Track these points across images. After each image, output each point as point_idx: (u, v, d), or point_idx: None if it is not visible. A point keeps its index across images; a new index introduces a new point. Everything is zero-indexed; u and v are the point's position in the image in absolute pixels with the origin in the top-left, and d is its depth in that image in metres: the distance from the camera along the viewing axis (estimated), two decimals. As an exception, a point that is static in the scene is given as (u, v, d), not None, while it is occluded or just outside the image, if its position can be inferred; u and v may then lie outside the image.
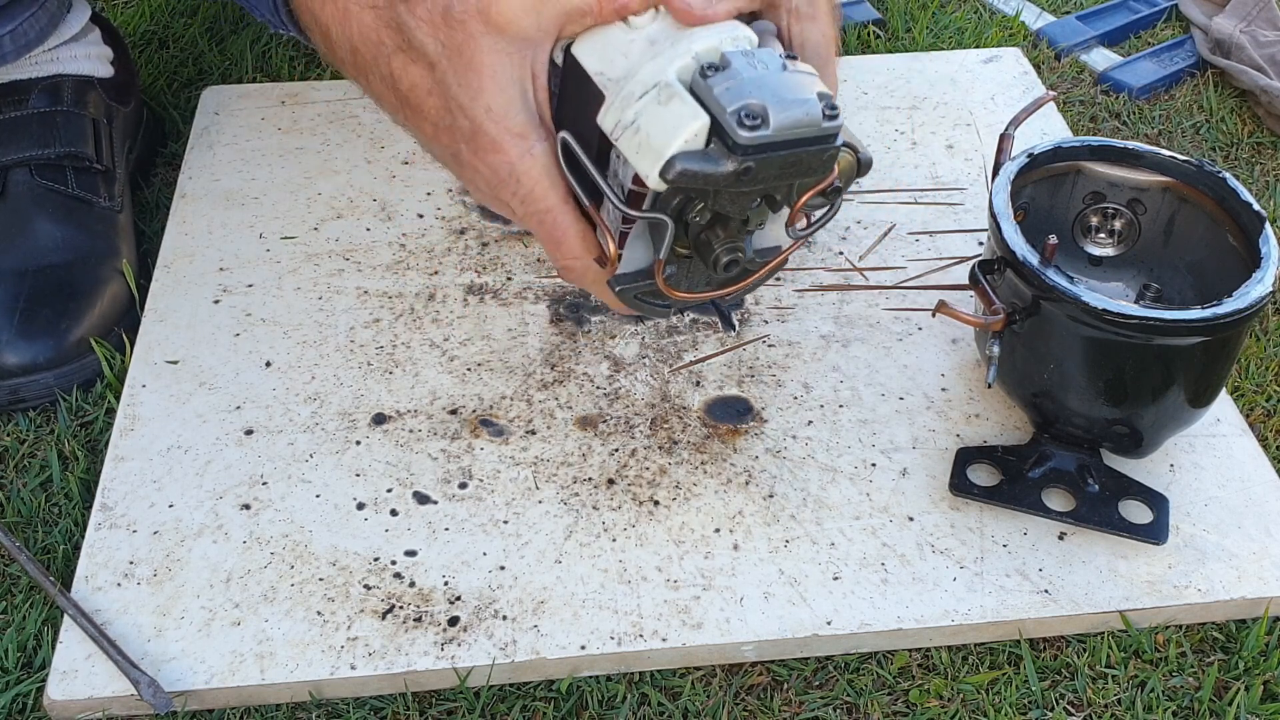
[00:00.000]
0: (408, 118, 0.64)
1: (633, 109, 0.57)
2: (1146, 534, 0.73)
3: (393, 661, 0.67)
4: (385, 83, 0.63)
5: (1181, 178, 0.77)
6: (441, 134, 0.62)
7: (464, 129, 0.60)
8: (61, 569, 0.73)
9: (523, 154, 0.60)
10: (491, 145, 0.60)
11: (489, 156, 0.60)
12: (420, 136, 0.64)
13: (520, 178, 0.60)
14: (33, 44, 0.89)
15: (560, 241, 0.62)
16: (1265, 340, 0.88)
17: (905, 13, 1.19)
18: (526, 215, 0.62)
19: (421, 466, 0.77)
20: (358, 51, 0.63)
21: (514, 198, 0.61)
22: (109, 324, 0.85)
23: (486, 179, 0.62)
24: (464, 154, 0.62)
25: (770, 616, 0.70)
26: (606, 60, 0.59)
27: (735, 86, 0.55)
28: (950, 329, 0.85)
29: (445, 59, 0.59)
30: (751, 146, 0.55)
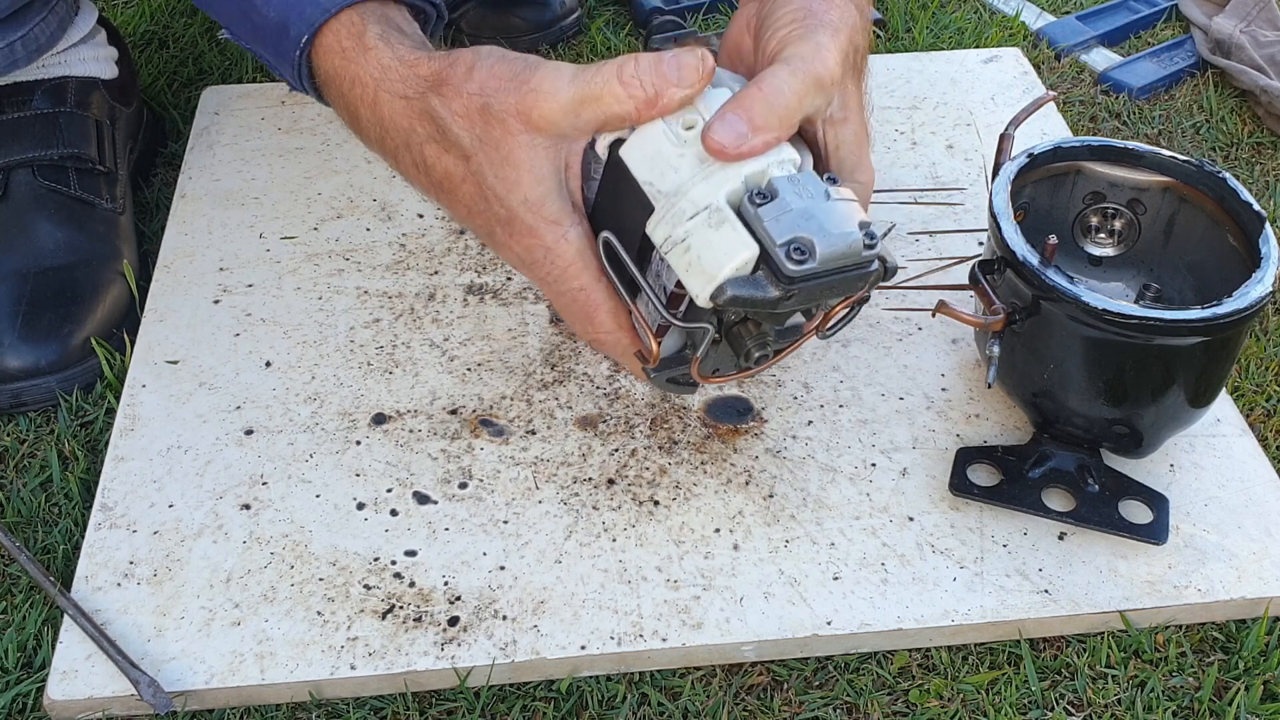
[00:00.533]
0: (440, 199, 0.66)
1: (684, 227, 0.60)
2: (1146, 534, 0.73)
3: (393, 661, 0.67)
4: (418, 167, 0.65)
5: (1181, 178, 0.77)
6: (476, 217, 0.64)
7: (500, 215, 0.63)
8: (61, 569, 0.73)
9: (557, 239, 0.63)
10: (527, 231, 0.63)
11: (524, 240, 0.63)
12: (453, 215, 0.67)
13: (554, 260, 0.63)
14: (44, 48, 0.89)
15: (592, 318, 0.65)
16: (1265, 340, 0.88)
17: (905, 13, 1.19)
18: (560, 293, 0.65)
19: (421, 466, 0.77)
20: (388, 135, 0.65)
21: (548, 276, 0.64)
22: (110, 326, 0.85)
23: (521, 258, 0.64)
24: (499, 235, 0.64)
25: (770, 616, 0.70)
26: (657, 172, 0.61)
27: (784, 218, 0.59)
28: (950, 329, 0.85)
29: (481, 152, 0.62)
30: (798, 278, 0.58)
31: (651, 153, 0.62)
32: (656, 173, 0.61)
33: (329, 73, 0.67)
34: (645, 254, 0.63)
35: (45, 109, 0.90)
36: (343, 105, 0.67)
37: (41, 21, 0.88)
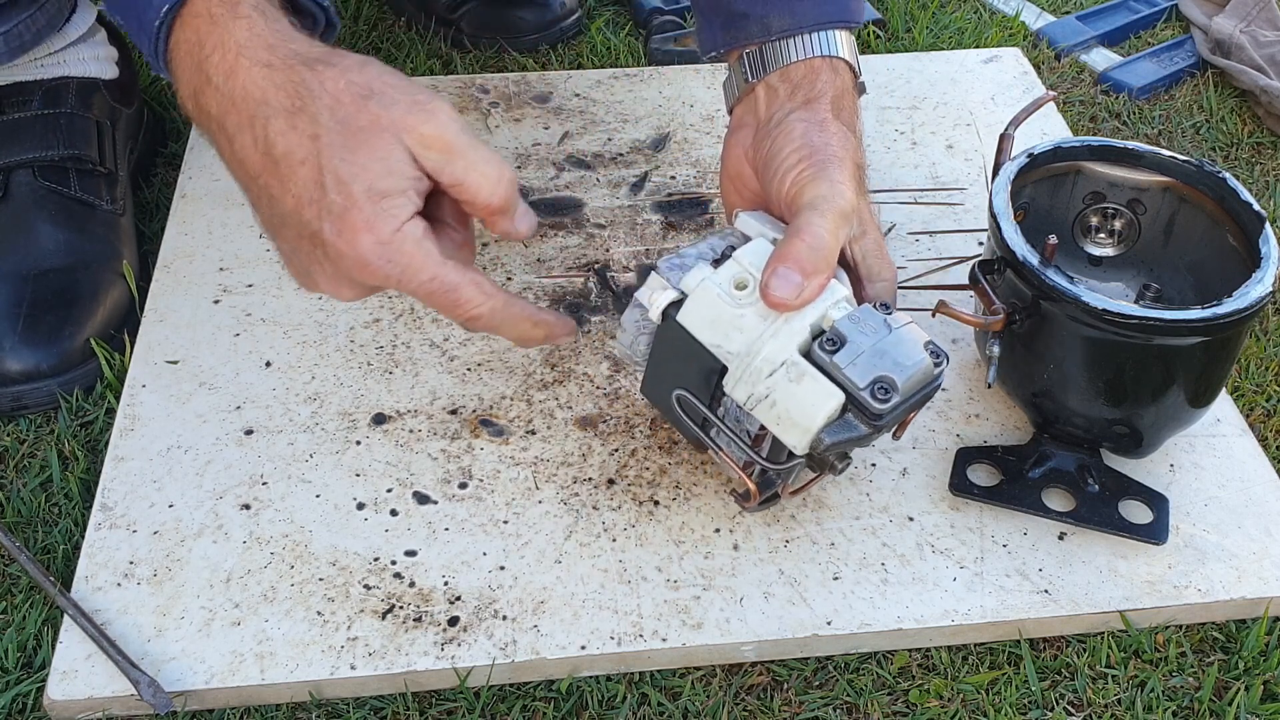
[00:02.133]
0: (266, 185, 0.61)
1: (764, 385, 0.64)
2: (1146, 534, 0.73)
3: (393, 661, 0.67)
4: (256, 145, 0.60)
5: (1181, 178, 0.77)
6: (304, 208, 0.60)
7: (334, 206, 0.59)
8: (61, 569, 0.73)
9: (393, 232, 0.59)
10: (363, 224, 0.59)
11: (358, 236, 0.59)
12: (270, 210, 0.62)
13: (394, 255, 0.60)
14: (28, 45, 0.88)
15: (458, 299, 0.62)
16: (1265, 340, 0.88)
17: (905, 13, 1.19)
18: (415, 290, 0.61)
19: (421, 466, 0.77)
20: (234, 108, 0.61)
21: (392, 275, 0.60)
22: (110, 328, 0.85)
23: (350, 260, 0.60)
24: (324, 233, 0.60)
25: (770, 616, 0.70)
26: (721, 334, 0.65)
27: (860, 360, 0.63)
28: (950, 329, 0.85)
29: (337, 133, 0.59)
30: (886, 413, 0.63)
31: (712, 316, 0.66)
32: (721, 334, 0.65)
33: (189, 41, 0.62)
34: (715, 402, 0.68)
35: (46, 109, 0.90)
36: (192, 78, 0.62)
37: (28, 18, 0.87)
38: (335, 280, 0.62)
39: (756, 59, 0.75)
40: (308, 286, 0.64)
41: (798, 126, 0.71)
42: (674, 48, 1.12)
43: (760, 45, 0.75)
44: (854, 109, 0.74)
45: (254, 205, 0.63)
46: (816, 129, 0.70)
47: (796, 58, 0.74)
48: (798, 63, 0.74)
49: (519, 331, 0.65)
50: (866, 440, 0.64)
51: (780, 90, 0.74)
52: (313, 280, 0.63)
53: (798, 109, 0.72)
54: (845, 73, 0.74)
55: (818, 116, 0.71)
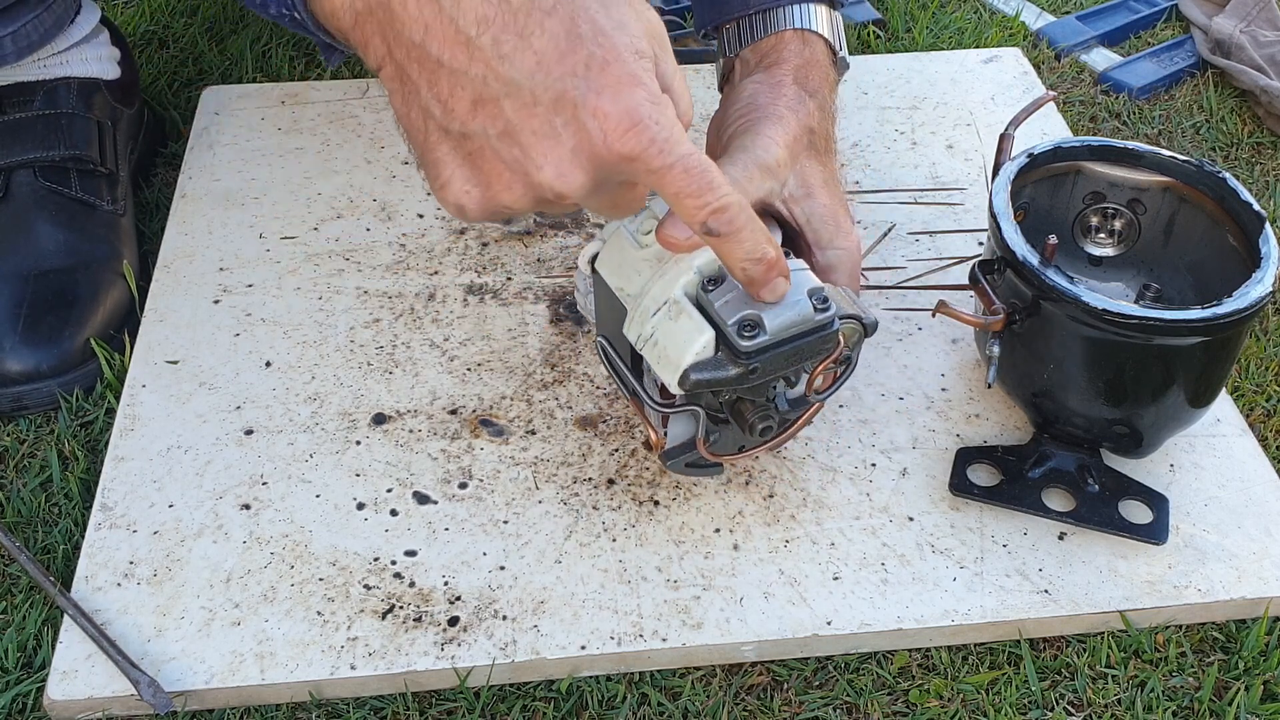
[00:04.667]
0: (497, 39, 0.51)
1: (649, 324, 0.64)
2: (1146, 534, 0.73)
3: (393, 661, 0.67)
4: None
5: (1181, 178, 0.77)
6: (552, 63, 0.51)
7: (594, 58, 0.51)
8: (61, 569, 0.73)
9: (659, 95, 0.53)
10: (631, 79, 0.51)
11: (625, 92, 0.51)
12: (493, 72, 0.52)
13: (660, 118, 0.52)
14: (35, 45, 0.88)
15: (711, 182, 0.54)
16: (1265, 340, 0.88)
17: (905, 13, 1.19)
18: (670, 163, 0.53)
19: (421, 466, 0.77)
20: None
21: (651, 145, 0.52)
22: (110, 328, 0.85)
23: (613, 122, 0.52)
24: (576, 91, 0.51)
25: (770, 616, 0.70)
26: (624, 277, 0.66)
27: (733, 298, 0.62)
28: (950, 329, 0.85)
29: None
30: (753, 351, 0.62)
31: (618, 261, 0.66)
32: (624, 278, 0.65)
33: None
34: (638, 356, 0.66)
35: (47, 110, 0.90)
36: None
37: (35, 19, 0.87)
38: (573, 158, 0.53)
39: (734, 34, 0.76)
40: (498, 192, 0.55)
41: (748, 89, 0.71)
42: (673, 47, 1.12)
43: (739, 20, 0.75)
44: (824, 79, 0.73)
45: (438, 89, 0.53)
46: (766, 90, 0.70)
47: (769, 30, 0.74)
48: (770, 35, 0.74)
49: (756, 243, 0.57)
50: (737, 382, 0.63)
51: (750, 61, 0.75)
52: (516, 177, 0.54)
53: (755, 74, 0.72)
54: (817, 44, 0.74)
55: (773, 80, 0.71)
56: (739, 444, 0.70)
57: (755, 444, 0.70)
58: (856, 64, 1.10)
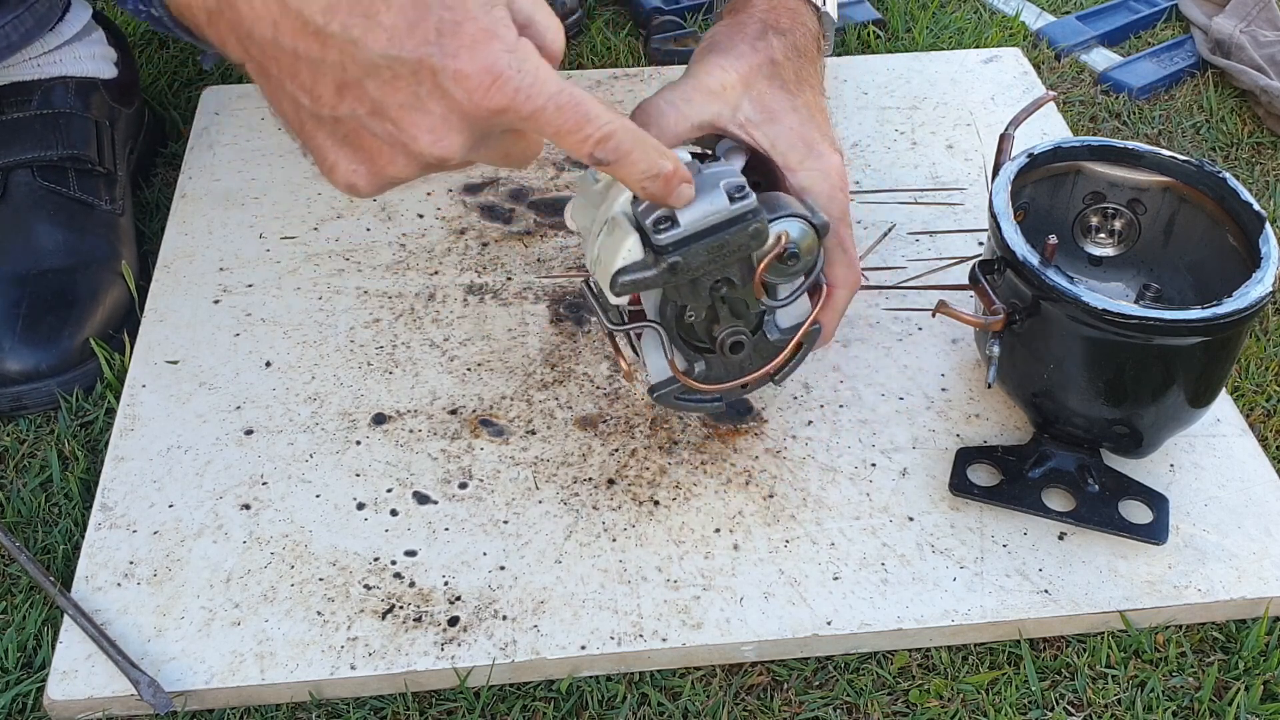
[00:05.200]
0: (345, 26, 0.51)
1: (595, 247, 0.66)
2: (1146, 534, 0.73)
3: (393, 661, 0.67)
4: None
5: (1181, 178, 0.77)
6: (404, 37, 0.51)
7: (444, 22, 0.51)
8: (61, 569, 0.73)
9: (516, 42, 0.53)
10: (485, 34, 0.52)
11: (481, 50, 0.52)
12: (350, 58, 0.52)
13: (521, 66, 0.53)
14: (16, 46, 0.88)
15: (588, 114, 0.55)
16: (1265, 340, 0.88)
17: (905, 13, 1.19)
18: (542, 104, 0.54)
19: (421, 466, 0.77)
20: None
21: (517, 94, 0.53)
22: (110, 328, 0.85)
23: (474, 80, 0.52)
24: (434, 58, 0.52)
25: (770, 616, 0.70)
26: (584, 218, 0.68)
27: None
28: (950, 329, 0.85)
29: None
30: (670, 245, 0.63)
31: (582, 205, 0.68)
32: (584, 219, 0.68)
33: None
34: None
35: (45, 109, 0.90)
36: None
37: (15, 19, 0.87)
38: (445, 123, 0.54)
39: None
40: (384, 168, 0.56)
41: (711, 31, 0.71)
42: (674, 47, 1.12)
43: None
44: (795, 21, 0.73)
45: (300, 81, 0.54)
46: (726, 30, 0.71)
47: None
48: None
49: (649, 161, 0.58)
50: (660, 280, 0.64)
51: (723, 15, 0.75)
52: (396, 151, 0.55)
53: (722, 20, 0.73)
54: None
55: (736, 21, 0.72)
56: (735, 374, 0.71)
57: (740, 372, 0.70)
58: (856, 64, 1.10)
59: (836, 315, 0.73)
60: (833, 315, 0.72)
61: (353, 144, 0.56)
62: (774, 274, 0.67)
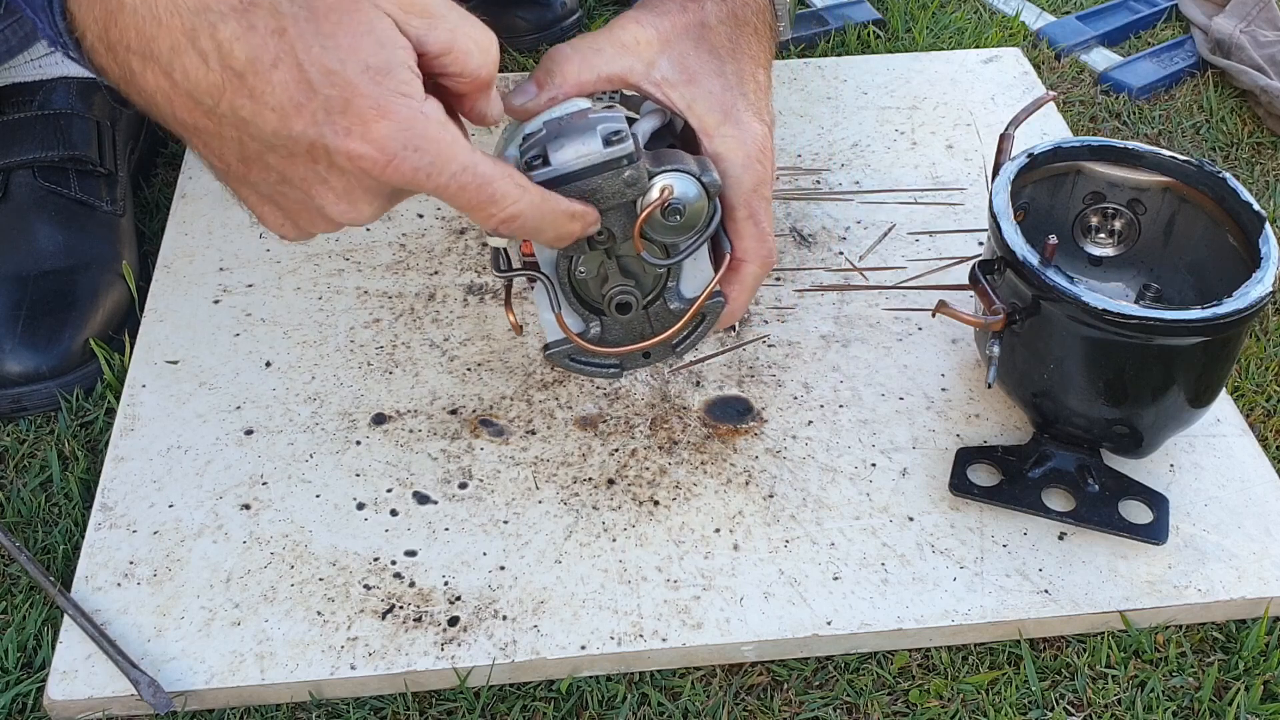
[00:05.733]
0: (233, 105, 0.50)
1: None
2: (1146, 534, 0.73)
3: (393, 661, 0.67)
4: (205, 62, 0.49)
5: (1181, 178, 0.77)
6: (292, 118, 0.50)
7: (332, 101, 0.50)
8: (61, 569, 0.73)
9: (414, 114, 0.51)
10: (376, 111, 0.50)
11: (373, 128, 0.50)
12: (244, 134, 0.52)
13: (420, 142, 0.51)
14: (14, 51, 0.88)
15: (493, 194, 0.55)
16: (1265, 340, 0.88)
17: (905, 13, 1.19)
18: (443, 182, 0.53)
19: (421, 466, 0.77)
20: (162, 26, 0.49)
21: (416, 172, 0.52)
22: (110, 329, 0.85)
23: (368, 159, 0.51)
24: (331, 136, 0.50)
25: (770, 616, 0.70)
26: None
27: (534, 142, 0.62)
28: (950, 329, 0.85)
29: (305, 19, 0.49)
30: (540, 184, 0.60)
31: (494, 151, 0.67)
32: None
33: None
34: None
35: (47, 110, 0.90)
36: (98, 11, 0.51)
37: (15, 23, 0.87)
38: (348, 196, 0.53)
39: None
40: (306, 227, 0.56)
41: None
42: None
43: None
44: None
45: (210, 149, 0.53)
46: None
47: None
48: None
49: (558, 229, 0.59)
50: None
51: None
52: (314, 213, 0.55)
53: None
54: None
55: None
56: (633, 339, 0.70)
57: (637, 336, 0.69)
58: (856, 64, 1.10)
59: (745, 291, 0.70)
60: (740, 290, 0.70)
61: (274, 203, 0.56)
62: (658, 230, 0.65)
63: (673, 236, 0.66)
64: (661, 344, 0.70)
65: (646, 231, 0.65)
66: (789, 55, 1.13)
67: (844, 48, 1.15)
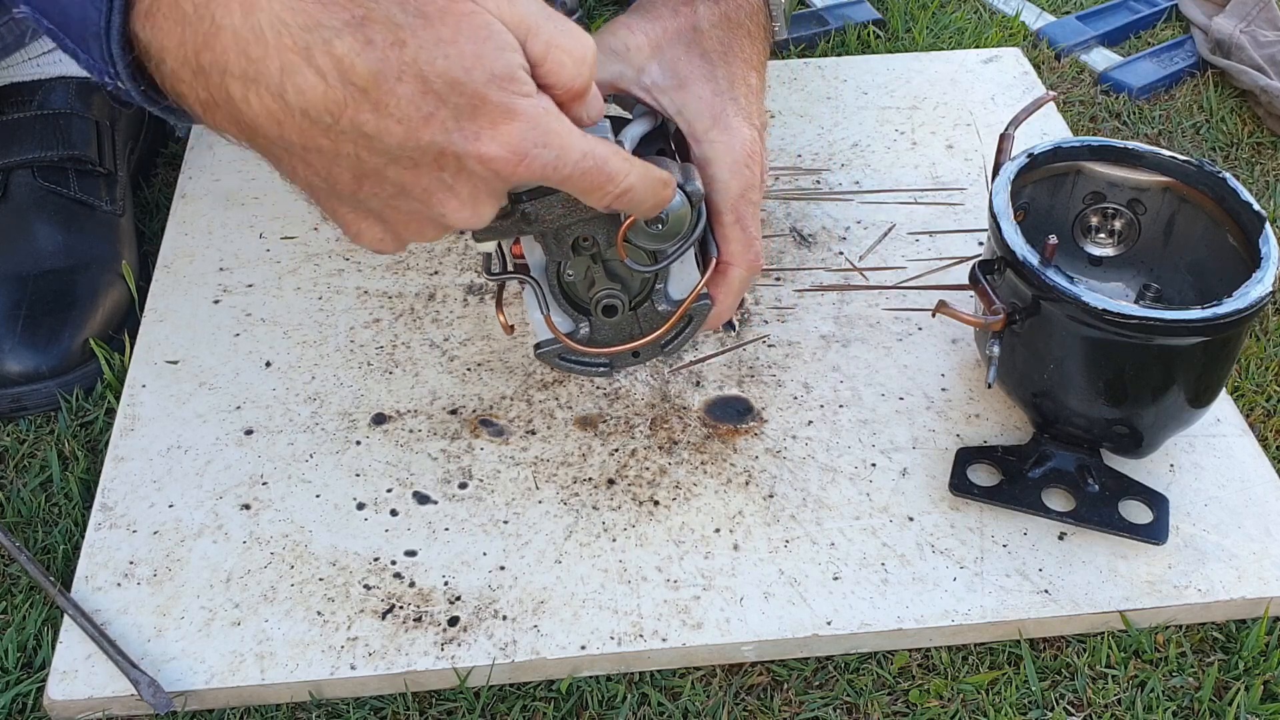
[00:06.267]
0: (355, 120, 0.50)
1: None
2: (1146, 534, 0.73)
3: (393, 661, 0.67)
4: (323, 78, 0.48)
5: (1181, 178, 0.77)
6: (420, 128, 0.50)
7: (460, 106, 0.50)
8: (61, 569, 0.73)
9: (539, 111, 0.52)
10: (504, 113, 0.51)
11: (503, 130, 0.51)
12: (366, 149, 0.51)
13: (548, 136, 0.52)
14: (10, 49, 0.88)
15: (612, 173, 0.56)
16: (1265, 340, 0.88)
17: (905, 13, 1.19)
18: (569, 171, 0.54)
19: (421, 466, 0.77)
20: (269, 48, 0.48)
21: (545, 168, 0.53)
22: (110, 329, 0.85)
23: (500, 160, 0.52)
24: (457, 145, 0.51)
25: (770, 616, 0.70)
26: None
27: None
28: (950, 329, 0.85)
29: (423, 28, 0.49)
30: (523, 193, 0.61)
31: None
32: None
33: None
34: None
35: (46, 110, 0.90)
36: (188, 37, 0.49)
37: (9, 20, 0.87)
38: (473, 200, 0.54)
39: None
40: (412, 237, 0.56)
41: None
42: None
43: None
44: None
45: (318, 169, 0.52)
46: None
47: None
48: None
49: (656, 196, 0.60)
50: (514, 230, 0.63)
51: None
52: (426, 223, 0.55)
53: None
54: None
55: None
56: (621, 340, 0.70)
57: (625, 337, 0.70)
58: (856, 64, 1.10)
59: (731, 294, 0.70)
60: (727, 293, 0.70)
61: (376, 216, 0.55)
62: (642, 237, 0.65)
63: (657, 243, 0.66)
64: (650, 344, 0.71)
65: (630, 238, 0.65)
66: (789, 55, 1.13)
67: (844, 48, 1.15)
